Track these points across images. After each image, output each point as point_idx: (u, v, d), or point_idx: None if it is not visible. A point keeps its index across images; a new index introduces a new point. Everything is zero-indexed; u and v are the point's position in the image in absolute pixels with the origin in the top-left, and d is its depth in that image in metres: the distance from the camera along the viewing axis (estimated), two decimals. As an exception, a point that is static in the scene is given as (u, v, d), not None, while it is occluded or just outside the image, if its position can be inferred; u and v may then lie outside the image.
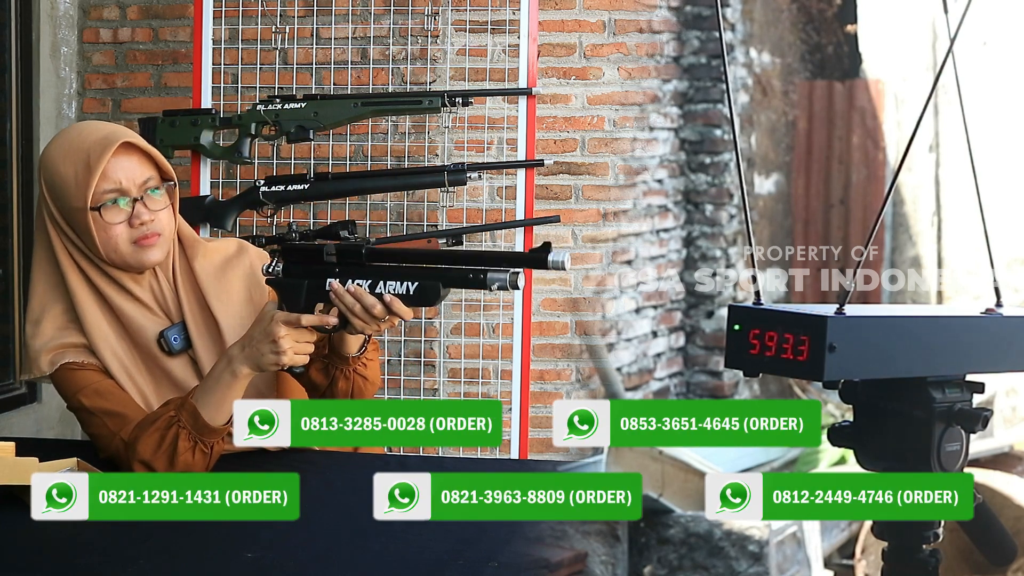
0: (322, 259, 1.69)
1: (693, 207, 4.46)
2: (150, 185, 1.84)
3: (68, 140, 1.85)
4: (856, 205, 5.33)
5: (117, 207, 1.82)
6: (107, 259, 1.85)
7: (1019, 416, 4.00)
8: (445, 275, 1.60)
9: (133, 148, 1.83)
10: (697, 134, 4.43)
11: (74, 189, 1.80)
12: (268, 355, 1.73)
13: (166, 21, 3.77)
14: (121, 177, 1.81)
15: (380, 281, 1.65)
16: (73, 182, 1.80)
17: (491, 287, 1.54)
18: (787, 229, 5.22)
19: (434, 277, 1.61)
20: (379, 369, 1.98)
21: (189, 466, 1.77)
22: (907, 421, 1.43)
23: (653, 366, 4.28)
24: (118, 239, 1.83)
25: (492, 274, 1.54)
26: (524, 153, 3.03)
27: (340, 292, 1.68)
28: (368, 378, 1.92)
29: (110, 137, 1.81)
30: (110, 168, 1.80)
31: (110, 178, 1.80)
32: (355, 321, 1.69)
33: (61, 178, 1.81)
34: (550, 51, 3.67)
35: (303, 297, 1.71)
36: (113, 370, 1.87)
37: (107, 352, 1.88)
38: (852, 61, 5.51)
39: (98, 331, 1.88)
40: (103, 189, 1.80)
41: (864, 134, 5.33)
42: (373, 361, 1.94)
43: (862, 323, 1.34)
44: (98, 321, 1.88)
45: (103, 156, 1.79)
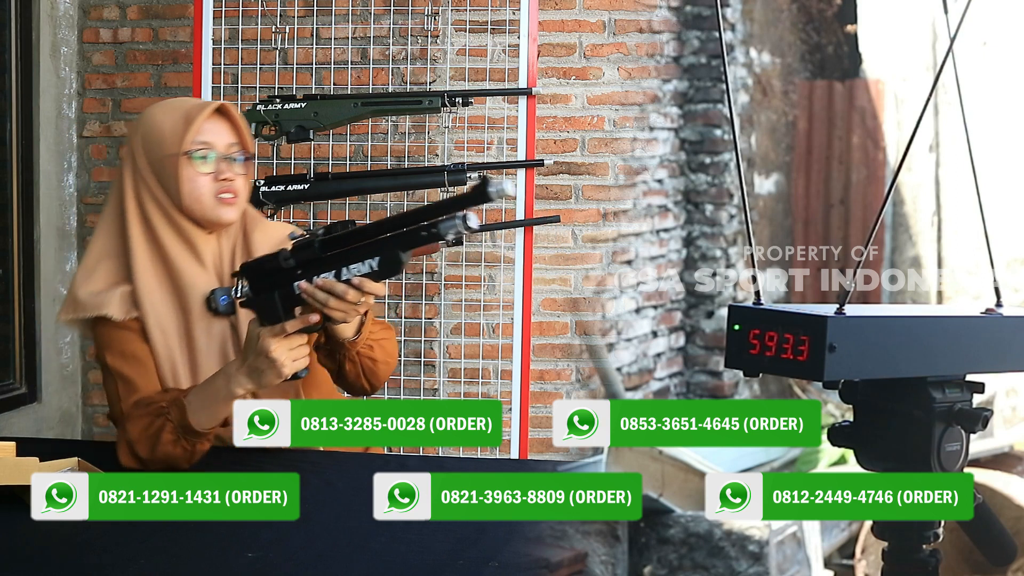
0: (281, 266, 1.72)
1: (693, 207, 4.46)
2: (234, 152, 1.99)
3: (169, 102, 2.04)
4: (856, 205, 5.33)
5: (205, 161, 1.96)
6: (187, 208, 1.96)
7: (1019, 416, 3.99)
8: (402, 241, 1.62)
9: (226, 115, 1.99)
10: (697, 134, 4.43)
11: (170, 137, 1.95)
12: (267, 372, 1.78)
13: (166, 21, 3.77)
14: (213, 137, 1.97)
15: (343, 268, 1.67)
16: (170, 131, 1.95)
17: (446, 237, 1.56)
18: (787, 229, 5.22)
19: (391, 247, 1.63)
20: (393, 347, 2.01)
21: (169, 456, 1.84)
22: (907, 421, 1.43)
23: (653, 366, 4.28)
24: (202, 189, 1.96)
25: (443, 224, 1.55)
26: (524, 153, 3.03)
27: (310, 291, 1.72)
28: (376, 359, 1.96)
29: (209, 103, 2.00)
30: (205, 125, 1.96)
31: (204, 133, 1.96)
32: (333, 313, 1.74)
33: (159, 128, 1.97)
34: (550, 51, 3.67)
35: (279, 308, 1.74)
36: (149, 324, 1.95)
37: (148, 304, 1.95)
38: (852, 61, 5.51)
39: (146, 283, 1.96)
40: (196, 140, 1.95)
41: (864, 134, 5.33)
42: (382, 340, 1.97)
43: (862, 323, 1.34)
44: (149, 274, 1.96)
45: (201, 112, 1.96)
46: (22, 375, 3.59)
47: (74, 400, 3.81)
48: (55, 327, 3.70)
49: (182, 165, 1.94)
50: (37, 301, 3.61)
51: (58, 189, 3.71)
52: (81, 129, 3.80)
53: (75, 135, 3.80)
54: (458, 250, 3.54)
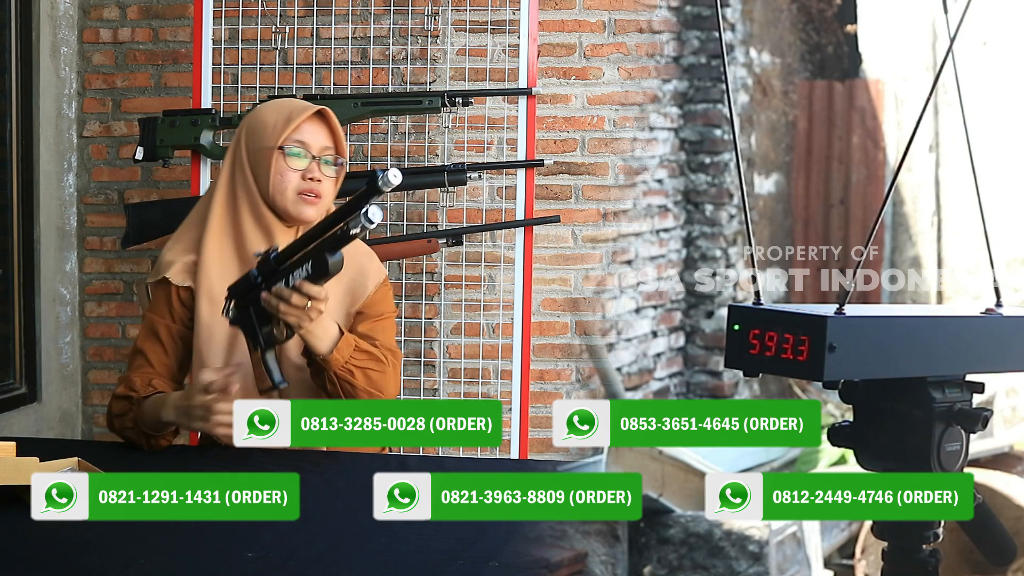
0: (252, 283, 1.89)
1: (693, 207, 4.45)
2: (327, 155, 2.12)
3: (279, 100, 2.24)
4: (856, 205, 5.33)
5: (297, 158, 2.10)
6: (271, 199, 2.10)
7: (1019, 416, 3.99)
8: (324, 245, 1.78)
9: (324, 120, 2.13)
10: (697, 134, 4.43)
11: (270, 131, 2.10)
12: (197, 421, 1.96)
13: (166, 21, 3.77)
14: (308, 137, 2.11)
15: (290, 275, 1.84)
16: (271, 126, 2.10)
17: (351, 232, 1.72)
18: (787, 229, 5.22)
19: (318, 250, 1.79)
20: (383, 380, 2.04)
21: (128, 438, 2.06)
22: (907, 421, 1.43)
23: (653, 366, 4.28)
24: (288, 184, 2.09)
25: (351, 222, 1.70)
26: (524, 153, 3.03)
27: (266, 299, 1.88)
28: (356, 385, 2.00)
29: (312, 106, 2.14)
30: (303, 126, 2.10)
31: (301, 132, 2.10)
32: (287, 318, 1.88)
33: (263, 122, 2.12)
34: (550, 51, 3.67)
35: (254, 322, 1.89)
36: (200, 292, 2.08)
37: (204, 275, 2.08)
38: (852, 61, 5.51)
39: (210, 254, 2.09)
40: (292, 138, 2.09)
41: (864, 134, 5.33)
42: (368, 369, 2.01)
43: (862, 323, 1.34)
44: (216, 248, 2.10)
45: (302, 114, 2.10)
46: (22, 375, 3.59)
47: (74, 400, 3.81)
48: (55, 327, 3.70)
49: (275, 158, 2.09)
50: (37, 301, 3.61)
51: (58, 189, 3.71)
52: (81, 129, 3.80)
53: (75, 135, 3.80)
54: (458, 250, 3.54)
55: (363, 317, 2.13)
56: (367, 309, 2.13)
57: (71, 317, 3.79)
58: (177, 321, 2.12)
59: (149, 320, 2.14)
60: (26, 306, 3.59)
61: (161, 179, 3.74)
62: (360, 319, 2.12)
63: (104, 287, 3.83)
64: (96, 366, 3.85)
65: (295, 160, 2.09)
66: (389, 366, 2.05)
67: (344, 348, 1.97)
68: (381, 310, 2.15)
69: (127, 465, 1.91)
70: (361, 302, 2.12)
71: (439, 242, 3.13)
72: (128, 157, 3.72)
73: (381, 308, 2.15)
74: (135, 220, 3.13)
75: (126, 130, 3.76)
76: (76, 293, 3.81)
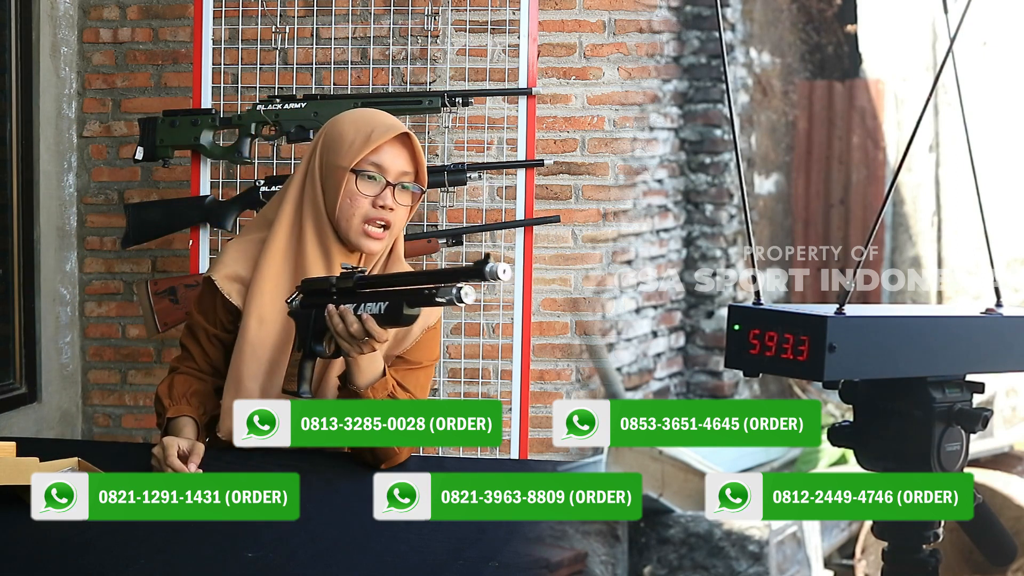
0: (328, 288, 1.83)
1: (693, 207, 4.45)
2: (406, 179, 2.00)
3: (362, 113, 2.05)
4: (856, 205, 5.33)
5: (372, 182, 1.97)
6: (335, 222, 1.99)
7: (1019, 416, 3.99)
8: (407, 295, 1.74)
9: (407, 144, 1.99)
10: (697, 134, 4.43)
11: (347, 148, 1.97)
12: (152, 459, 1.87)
13: (166, 21, 3.77)
14: (387, 161, 1.98)
15: (362, 304, 1.79)
16: (349, 143, 1.97)
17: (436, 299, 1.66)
18: (787, 229, 5.22)
19: (398, 297, 1.75)
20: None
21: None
22: (907, 421, 1.43)
23: (653, 366, 4.28)
24: (356, 209, 1.97)
25: (442, 290, 1.66)
26: (524, 153, 3.03)
27: (331, 312, 1.80)
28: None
29: (395, 126, 1.99)
30: (384, 148, 1.97)
31: (380, 155, 1.97)
32: (340, 342, 1.82)
33: (341, 137, 1.99)
34: (550, 51, 3.67)
35: (311, 324, 1.85)
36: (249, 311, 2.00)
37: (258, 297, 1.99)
38: (852, 61, 5.50)
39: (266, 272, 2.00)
40: (369, 160, 1.97)
41: (864, 134, 5.33)
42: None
43: (862, 323, 1.34)
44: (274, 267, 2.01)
45: (384, 135, 1.97)
46: (22, 375, 3.59)
47: (74, 400, 3.81)
48: (55, 327, 3.70)
49: (348, 180, 1.97)
50: (37, 301, 3.61)
51: (58, 189, 3.71)
52: (81, 129, 3.80)
53: (75, 135, 3.80)
54: (458, 250, 3.54)
55: (401, 361, 2.04)
56: (408, 354, 2.04)
57: (71, 317, 3.79)
58: (217, 326, 2.06)
59: (193, 318, 2.09)
60: (26, 306, 3.59)
61: (161, 179, 3.74)
62: (397, 363, 2.03)
63: (104, 287, 3.83)
64: (96, 366, 3.85)
65: (368, 185, 1.97)
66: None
67: (380, 389, 1.90)
68: (420, 358, 2.05)
69: (127, 465, 1.91)
70: (403, 347, 2.03)
71: (439, 242, 3.13)
72: (128, 157, 3.72)
73: (421, 356, 2.05)
74: (135, 220, 3.13)
75: (126, 130, 3.76)
76: (76, 293, 3.81)
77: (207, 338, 2.06)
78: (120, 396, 3.85)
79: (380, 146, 1.96)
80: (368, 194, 1.97)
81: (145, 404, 3.83)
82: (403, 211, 2.01)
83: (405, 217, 2.03)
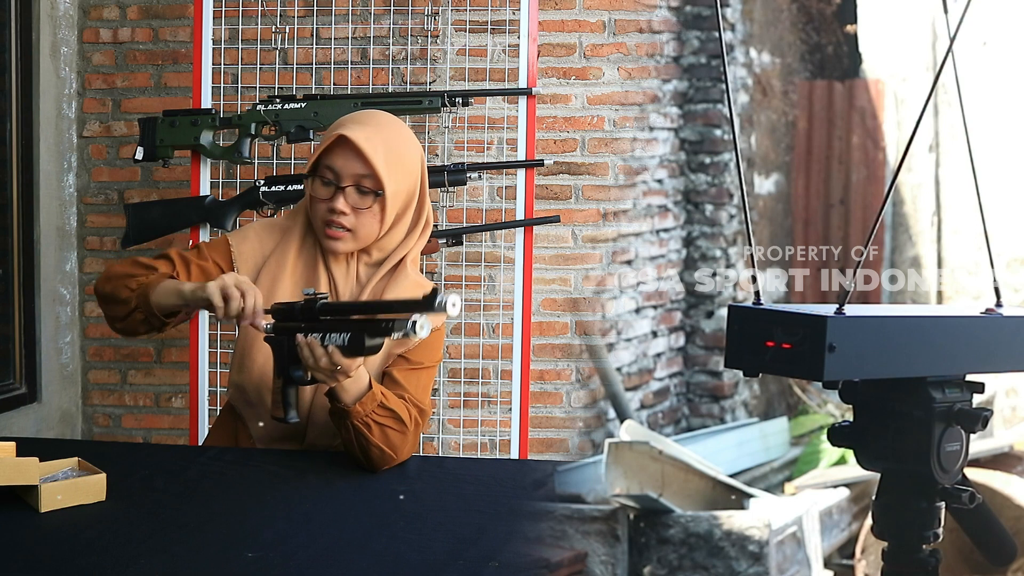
0: (295, 316, 1.83)
1: (693, 207, 4.46)
2: (363, 182, 1.96)
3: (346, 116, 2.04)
4: (856, 205, 5.33)
5: (326, 186, 1.97)
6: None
7: (1019, 416, 3.99)
8: (367, 326, 1.72)
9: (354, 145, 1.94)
10: (697, 134, 4.43)
11: (312, 153, 1.99)
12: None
13: (166, 21, 3.77)
14: (339, 164, 1.96)
15: (327, 334, 1.78)
16: (317, 147, 1.98)
17: (392, 333, 1.65)
18: (787, 229, 5.22)
19: (360, 328, 1.74)
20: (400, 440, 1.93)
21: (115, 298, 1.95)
22: (907, 421, 1.43)
23: (653, 366, 4.28)
24: (316, 211, 2.00)
25: (396, 323, 1.64)
26: (524, 153, 3.03)
27: (301, 343, 1.79)
28: (371, 439, 1.89)
29: (347, 125, 1.97)
30: (335, 151, 1.96)
31: (330, 158, 1.96)
32: (313, 373, 1.81)
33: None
34: (550, 51, 3.67)
35: (285, 352, 1.83)
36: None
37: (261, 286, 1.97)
38: (852, 61, 5.50)
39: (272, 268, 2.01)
40: (323, 164, 1.98)
41: (864, 134, 5.33)
42: (386, 427, 1.91)
43: (862, 323, 1.34)
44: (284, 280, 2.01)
45: (327, 139, 1.96)
46: (22, 375, 3.59)
47: (74, 400, 3.81)
48: (55, 327, 3.70)
49: (308, 183, 2.00)
50: (37, 301, 3.61)
51: (58, 189, 3.71)
52: (81, 129, 3.80)
53: (75, 135, 3.80)
54: (458, 250, 3.54)
55: (404, 360, 2.02)
56: (411, 354, 2.02)
57: (71, 317, 3.79)
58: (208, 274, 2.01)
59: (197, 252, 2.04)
60: (26, 306, 3.59)
61: (161, 179, 3.74)
62: (399, 362, 2.02)
63: (104, 287, 3.83)
64: (96, 366, 3.85)
65: (322, 188, 1.98)
66: (410, 431, 1.95)
67: (368, 402, 1.89)
68: (423, 358, 2.03)
69: (127, 465, 1.91)
70: (407, 345, 2.01)
71: (439, 242, 3.13)
72: (128, 157, 3.72)
73: (423, 357, 2.03)
74: (135, 220, 3.13)
75: (126, 130, 3.76)
76: (76, 293, 3.81)
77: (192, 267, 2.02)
78: (120, 396, 3.85)
79: (332, 149, 1.95)
80: (322, 197, 1.98)
81: (145, 404, 3.83)
82: (367, 215, 1.97)
83: (370, 222, 1.99)
